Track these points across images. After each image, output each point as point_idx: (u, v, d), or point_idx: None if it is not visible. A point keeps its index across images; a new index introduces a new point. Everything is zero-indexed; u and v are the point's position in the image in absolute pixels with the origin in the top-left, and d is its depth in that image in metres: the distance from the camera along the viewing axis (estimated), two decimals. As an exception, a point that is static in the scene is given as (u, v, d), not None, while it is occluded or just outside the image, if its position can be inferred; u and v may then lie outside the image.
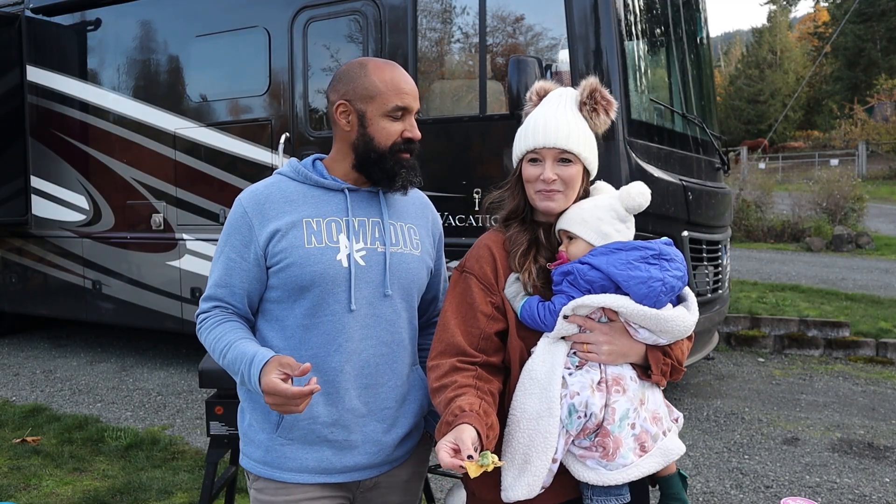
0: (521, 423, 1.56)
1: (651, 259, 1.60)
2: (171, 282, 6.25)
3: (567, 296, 1.60)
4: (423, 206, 1.90)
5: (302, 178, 1.73)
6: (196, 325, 1.74)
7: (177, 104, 6.25)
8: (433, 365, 1.64)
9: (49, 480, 3.95)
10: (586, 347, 1.60)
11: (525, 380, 1.59)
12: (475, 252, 1.72)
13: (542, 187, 1.66)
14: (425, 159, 6.11)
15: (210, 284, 1.73)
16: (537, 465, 1.54)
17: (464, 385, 1.55)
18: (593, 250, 1.63)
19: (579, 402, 1.55)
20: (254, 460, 1.71)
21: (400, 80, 1.70)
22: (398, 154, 1.70)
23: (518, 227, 1.71)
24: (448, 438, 1.43)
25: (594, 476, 1.57)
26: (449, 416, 1.49)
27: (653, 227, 4.74)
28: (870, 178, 26.00)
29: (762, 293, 8.30)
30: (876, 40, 40.03)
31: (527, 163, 1.68)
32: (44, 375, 6.33)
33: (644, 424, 1.59)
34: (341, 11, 5.48)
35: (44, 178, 6.98)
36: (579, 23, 4.69)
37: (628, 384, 1.59)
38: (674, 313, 1.59)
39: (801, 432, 4.74)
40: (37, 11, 6.91)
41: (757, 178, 15.52)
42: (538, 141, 1.66)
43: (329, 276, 1.65)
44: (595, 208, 1.66)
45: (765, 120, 42.33)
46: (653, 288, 1.56)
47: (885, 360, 6.60)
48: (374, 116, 1.68)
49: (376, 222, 1.74)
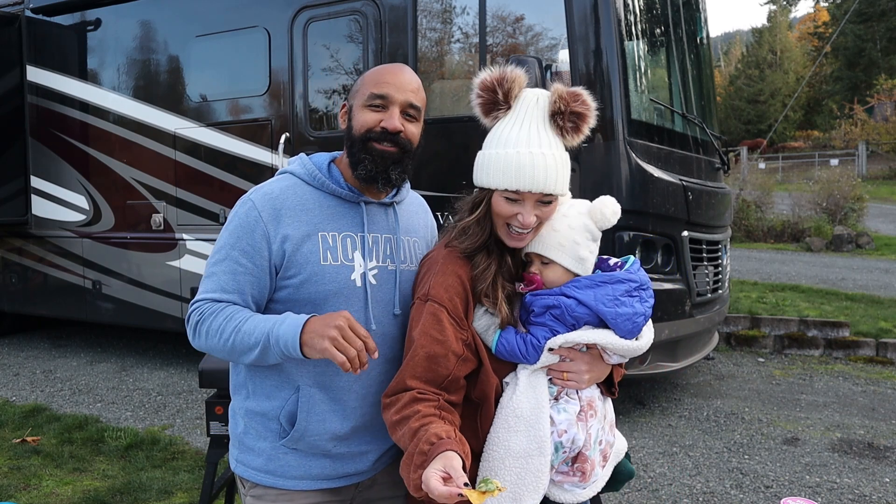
0: (507, 462, 1.51)
1: (633, 292, 1.60)
2: (171, 282, 6.25)
3: (550, 329, 1.57)
4: (425, 213, 1.88)
5: (318, 184, 1.66)
6: (189, 319, 1.60)
7: (177, 104, 6.25)
8: (389, 401, 1.53)
9: (49, 480, 3.95)
10: (566, 376, 1.59)
11: (508, 417, 1.53)
12: (443, 280, 1.57)
13: (518, 225, 1.56)
14: (425, 159, 6.09)
15: (209, 288, 1.59)
16: (528, 503, 1.51)
17: (428, 414, 1.46)
18: (577, 281, 1.60)
19: (567, 440, 1.56)
20: (253, 468, 1.67)
21: (386, 72, 1.66)
22: (368, 142, 1.61)
23: (483, 257, 1.60)
24: (436, 466, 1.33)
25: (570, 497, 1.61)
26: (423, 444, 1.39)
27: (653, 227, 4.75)
28: (870, 178, 25.99)
29: (762, 293, 8.30)
30: (876, 40, 40.03)
31: (502, 198, 1.56)
32: (44, 375, 6.33)
33: (606, 437, 1.64)
34: (341, 11, 5.48)
35: (44, 178, 6.98)
36: (579, 23, 4.69)
37: (597, 405, 1.63)
38: (646, 340, 1.63)
39: (801, 432, 4.74)
40: (37, 11, 6.90)
41: (757, 178, 15.52)
42: (522, 184, 1.53)
43: (343, 296, 1.60)
44: (570, 230, 1.61)
45: (765, 120, 42.33)
46: (637, 324, 1.59)
47: (885, 360, 6.59)
48: (357, 108, 1.65)
49: (388, 238, 1.70)
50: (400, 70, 1.67)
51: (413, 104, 1.64)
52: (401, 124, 1.62)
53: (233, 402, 1.75)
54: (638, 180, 4.62)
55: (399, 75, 1.65)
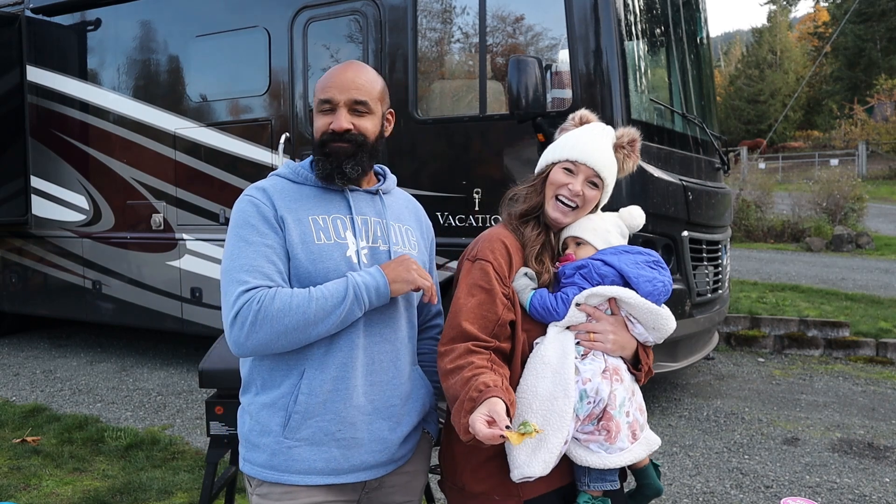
0: (534, 405, 1.63)
1: (652, 264, 1.79)
2: (171, 282, 6.25)
3: (579, 287, 1.73)
4: (416, 210, 1.95)
5: (302, 178, 1.76)
6: (239, 315, 1.55)
7: (177, 104, 6.25)
8: (446, 350, 1.67)
9: (49, 480, 3.95)
10: (593, 336, 1.72)
11: (537, 364, 1.67)
12: (488, 244, 1.77)
13: (566, 196, 1.78)
14: (425, 159, 6.07)
15: (246, 278, 1.58)
16: (553, 443, 1.61)
17: (481, 366, 1.60)
18: (603, 250, 1.80)
19: (591, 388, 1.66)
20: (258, 465, 1.68)
21: (331, 75, 1.73)
22: (324, 145, 1.71)
23: (534, 225, 1.81)
24: (482, 411, 1.49)
25: (596, 459, 1.68)
26: (473, 391, 1.54)
27: (653, 227, 4.75)
28: (870, 178, 26.00)
29: (762, 293, 8.30)
30: (876, 40, 40.03)
31: (560, 168, 1.80)
32: (44, 375, 6.33)
33: (635, 413, 1.74)
34: (341, 11, 5.48)
35: (44, 178, 6.99)
36: (579, 23, 4.69)
37: (624, 375, 1.74)
38: (667, 311, 1.77)
39: (801, 432, 4.74)
40: (37, 11, 6.91)
41: (757, 178, 15.53)
42: (582, 156, 1.78)
43: (341, 273, 1.65)
44: (603, 221, 1.85)
45: (765, 120, 42.32)
46: (656, 287, 1.74)
47: (885, 360, 6.60)
48: (314, 114, 1.75)
49: (378, 222, 1.77)
50: (344, 69, 1.74)
51: (358, 100, 1.71)
52: (348, 122, 1.70)
53: (242, 404, 1.77)
54: (638, 180, 4.62)
55: (342, 75, 1.72)
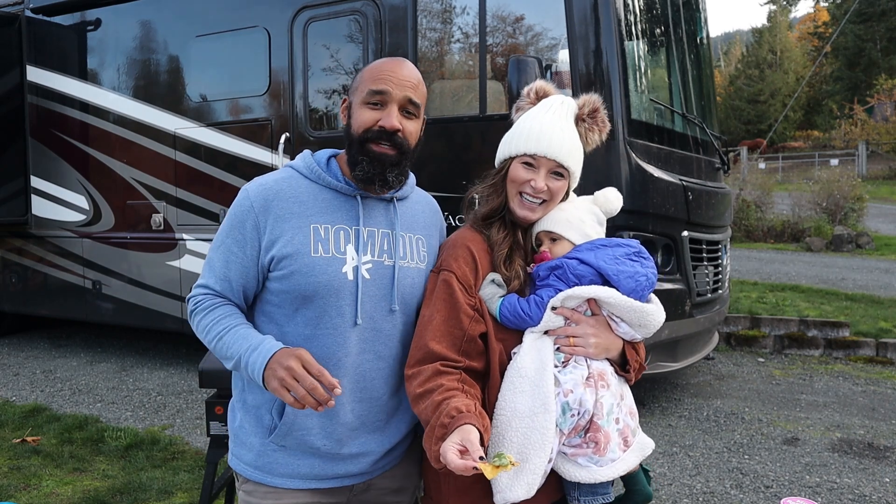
0: (514, 423, 1.53)
1: (633, 256, 1.66)
2: (171, 282, 6.25)
3: (554, 289, 1.60)
4: (433, 213, 1.83)
5: (315, 176, 1.65)
6: (188, 309, 1.67)
7: (177, 104, 6.25)
8: (413, 372, 1.58)
9: (49, 480, 3.95)
10: (573, 341, 1.60)
11: (514, 378, 1.56)
12: (451, 252, 1.66)
13: (529, 193, 1.66)
14: (425, 159, 6.09)
15: (207, 274, 1.65)
16: (536, 463, 1.51)
17: (451, 388, 1.50)
18: (578, 246, 1.67)
19: (573, 400, 1.55)
20: (244, 463, 1.68)
21: (385, 67, 1.62)
22: (367, 143, 1.59)
23: (499, 226, 1.69)
24: (454, 439, 1.38)
25: (585, 474, 1.57)
26: (444, 417, 1.44)
27: (653, 227, 4.75)
28: (870, 178, 26.01)
29: (762, 293, 8.30)
30: (876, 40, 40.03)
31: (519, 164, 1.67)
32: (44, 375, 6.33)
33: (625, 419, 1.62)
34: (341, 11, 5.48)
35: (44, 178, 6.98)
36: (579, 23, 4.69)
37: (610, 379, 1.62)
38: (653, 307, 1.65)
39: (801, 432, 4.74)
40: (37, 11, 6.91)
41: (757, 178, 15.53)
42: (540, 148, 1.64)
43: (333, 288, 1.58)
44: (577, 210, 1.71)
45: (765, 120, 42.32)
46: (639, 283, 1.62)
47: (885, 360, 6.60)
48: (356, 105, 1.63)
49: (386, 233, 1.67)
50: (399, 64, 1.64)
51: (412, 100, 1.62)
52: (399, 123, 1.59)
53: (233, 397, 1.76)
54: (638, 180, 4.62)
55: (398, 70, 1.62)
